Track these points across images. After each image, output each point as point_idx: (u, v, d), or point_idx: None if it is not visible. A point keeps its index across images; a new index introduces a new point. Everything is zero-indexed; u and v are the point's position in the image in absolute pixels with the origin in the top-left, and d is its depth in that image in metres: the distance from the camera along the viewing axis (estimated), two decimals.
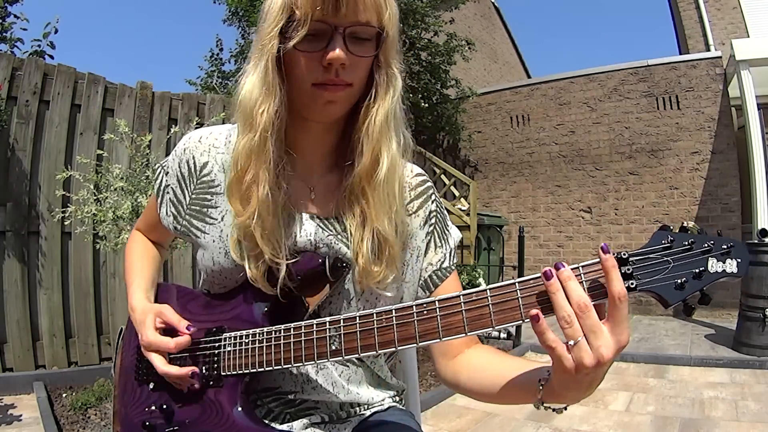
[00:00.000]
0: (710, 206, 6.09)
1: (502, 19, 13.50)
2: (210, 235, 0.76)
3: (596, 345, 0.51)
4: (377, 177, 0.70)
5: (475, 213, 5.57)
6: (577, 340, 0.52)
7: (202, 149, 0.79)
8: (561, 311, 0.52)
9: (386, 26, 0.67)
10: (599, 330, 0.52)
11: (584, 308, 0.52)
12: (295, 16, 0.63)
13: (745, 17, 7.78)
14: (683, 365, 3.88)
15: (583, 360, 0.51)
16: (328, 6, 0.62)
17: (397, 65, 0.72)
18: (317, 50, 0.64)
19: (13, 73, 2.98)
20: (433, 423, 2.73)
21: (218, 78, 7.23)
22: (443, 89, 6.87)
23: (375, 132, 0.70)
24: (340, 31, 0.63)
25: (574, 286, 0.53)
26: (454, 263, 0.84)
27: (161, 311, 0.75)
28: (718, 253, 0.53)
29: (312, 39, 0.64)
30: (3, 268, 2.94)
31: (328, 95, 0.67)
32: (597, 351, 0.51)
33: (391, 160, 0.71)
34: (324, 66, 0.64)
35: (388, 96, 0.71)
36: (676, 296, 0.53)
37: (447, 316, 0.58)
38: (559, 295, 0.53)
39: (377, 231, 0.71)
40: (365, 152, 0.70)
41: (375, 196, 0.71)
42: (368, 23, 0.65)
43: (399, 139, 0.73)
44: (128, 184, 2.26)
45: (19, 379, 2.86)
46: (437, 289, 0.81)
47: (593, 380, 0.54)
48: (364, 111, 0.71)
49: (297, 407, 0.77)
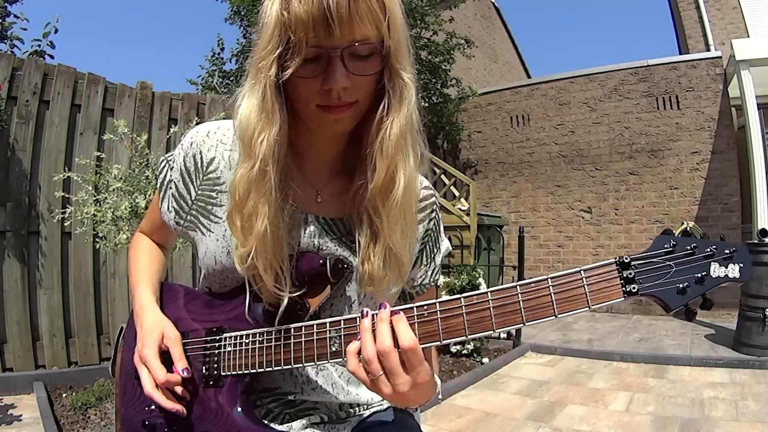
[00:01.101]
0: (710, 206, 6.09)
1: (502, 19, 13.49)
2: (214, 234, 0.75)
3: (394, 383, 0.58)
4: (394, 197, 0.67)
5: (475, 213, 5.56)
6: (377, 375, 0.58)
7: (209, 144, 0.77)
8: (363, 351, 0.59)
9: (388, 36, 0.63)
10: (397, 372, 0.58)
11: (384, 352, 0.58)
12: (290, 40, 0.60)
13: (745, 17, 7.78)
14: (683, 365, 3.88)
15: (383, 390, 0.59)
16: (319, 30, 0.58)
17: (409, 71, 0.67)
18: (316, 75, 0.61)
19: (13, 73, 2.98)
20: (433, 423, 2.73)
21: (219, 77, 7.23)
22: (443, 89, 6.87)
23: (390, 148, 0.66)
24: (337, 53, 0.60)
25: (383, 330, 0.58)
26: (435, 280, 0.86)
27: (170, 339, 0.74)
28: (720, 258, 0.53)
29: (310, 63, 0.61)
30: (3, 268, 2.94)
31: (334, 117, 0.65)
32: (396, 387, 0.58)
33: (408, 178, 0.68)
34: (325, 90, 0.62)
35: (403, 107, 0.67)
36: (678, 301, 0.53)
37: (447, 319, 0.58)
38: (365, 336, 0.59)
39: (389, 247, 0.70)
40: (379, 169, 0.67)
41: (389, 213, 0.68)
42: (366, 40, 0.61)
43: (417, 154, 0.69)
44: (127, 185, 2.26)
45: (19, 379, 2.86)
46: (412, 301, 0.84)
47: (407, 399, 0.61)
48: (377, 124, 0.67)
49: (296, 408, 0.77)
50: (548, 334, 4.97)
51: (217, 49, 7.29)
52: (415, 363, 0.57)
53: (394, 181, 0.67)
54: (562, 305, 0.55)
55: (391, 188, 0.68)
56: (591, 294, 0.54)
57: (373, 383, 0.59)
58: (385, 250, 0.70)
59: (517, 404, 3.06)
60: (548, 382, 3.57)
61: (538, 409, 2.95)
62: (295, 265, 0.70)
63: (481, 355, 3.99)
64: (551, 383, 3.53)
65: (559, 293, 0.55)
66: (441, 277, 0.89)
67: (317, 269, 0.69)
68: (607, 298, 0.54)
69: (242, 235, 0.66)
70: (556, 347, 4.45)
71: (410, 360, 0.57)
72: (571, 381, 3.60)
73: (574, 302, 0.54)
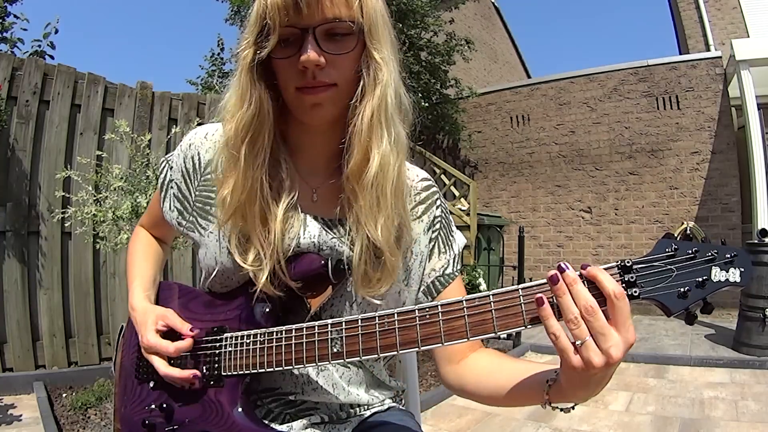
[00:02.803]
0: (710, 206, 6.09)
1: (502, 19, 13.50)
2: (214, 234, 0.75)
3: (605, 347, 0.51)
4: (366, 177, 0.67)
5: (475, 213, 5.57)
6: (585, 339, 0.52)
7: (207, 146, 0.78)
8: (568, 314, 0.53)
9: (360, 16, 0.64)
10: (608, 332, 0.52)
11: (591, 311, 0.52)
12: (267, 25, 0.63)
13: (745, 17, 7.77)
14: (683, 365, 3.88)
15: (592, 360, 0.52)
16: (290, 10, 0.62)
17: (386, 54, 0.67)
18: (291, 55, 0.64)
19: (13, 73, 2.98)
20: (433, 423, 2.73)
21: (219, 78, 7.23)
22: (443, 89, 6.87)
23: (364, 130, 0.67)
24: (310, 32, 0.63)
25: (581, 289, 0.53)
26: (458, 269, 0.82)
27: (165, 315, 0.75)
28: (721, 262, 0.53)
29: (285, 45, 0.64)
30: (3, 268, 2.94)
31: (311, 98, 0.66)
32: (606, 352, 0.51)
33: (381, 158, 0.67)
34: (300, 69, 0.64)
35: (377, 89, 0.67)
36: (679, 305, 0.53)
37: (449, 321, 0.58)
38: (566, 299, 0.53)
39: (367, 236, 0.68)
40: (355, 152, 0.67)
41: (364, 198, 0.67)
42: (338, 18, 0.63)
43: (391, 134, 0.68)
44: (128, 184, 2.26)
45: (19, 379, 2.86)
46: (440, 295, 0.79)
47: (602, 379, 0.55)
48: (352, 109, 0.68)
49: (297, 408, 0.77)
50: None
51: (217, 49, 7.31)
52: (624, 316, 0.52)
53: (366, 161, 0.67)
54: None
55: (363, 169, 0.67)
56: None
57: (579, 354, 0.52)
58: (363, 236, 0.68)
59: None
60: None
61: (538, 409, 2.95)
62: (296, 265, 0.70)
63: None
64: None
65: None
66: None
67: (318, 270, 0.70)
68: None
69: (222, 215, 0.70)
70: None
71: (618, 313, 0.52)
72: None
73: None
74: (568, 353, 0.53)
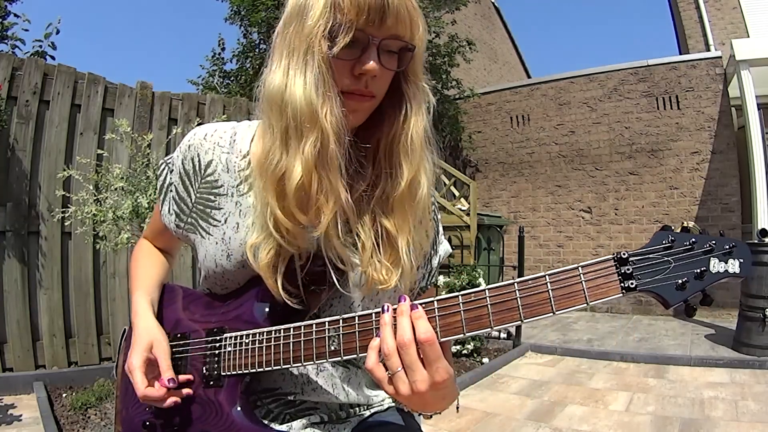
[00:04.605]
0: (710, 206, 6.09)
1: (502, 19, 13.50)
2: (213, 237, 0.75)
3: (412, 379, 0.56)
4: (418, 200, 0.70)
5: (475, 213, 5.56)
6: (395, 371, 0.56)
7: (206, 147, 0.76)
8: (382, 344, 0.57)
9: (417, 43, 0.67)
10: (416, 367, 0.56)
11: (404, 345, 0.56)
12: (338, 18, 0.61)
13: (745, 17, 7.77)
14: (683, 365, 3.88)
15: (401, 390, 0.57)
16: (374, 17, 0.61)
17: (426, 82, 0.71)
18: (351, 59, 0.63)
19: (13, 73, 2.98)
20: (432, 423, 2.73)
21: (220, 77, 7.23)
22: (444, 90, 6.86)
23: (417, 151, 0.69)
24: (376, 42, 0.63)
25: (404, 323, 0.57)
26: (431, 283, 0.86)
27: (158, 348, 0.73)
28: (720, 253, 0.53)
29: (348, 46, 0.62)
30: (3, 268, 2.94)
31: (354, 104, 0.66)
32: (413, 384, 0.56)
33: (427, 182, 0.70)
34: (354, 75, 0.64)
35: (423, 111, 0.70)
36: (677, 297, 0.53)
37: (445, 317, 0.58)
38: (385, 329, 0.58)
39: (403, 251, 0.70)
40: (406, 172, 0.68)
41: (401, 215, 0.70)
42: (402, 37, 0.65)
43: (433, 155, 0.72)
44: (128, 184, 2.26)
45: (19, 379, 2.86)
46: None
47: (425, 402, 0.59)
48: (400, 125, 0.69)
49: (296, 408, 0.77)
50: (548, 334, 4.97)
51: (218, 49, 7.30)
52: (432, 358, 0.56)
53: (419, 184, 0.70)
54: (560, 302, 0.54)
55: (416, 192, 0.70)
56: (589, 290, 0.54)
57: (390, 381, 0.57)
58: (397, 253, 0.70)
59: (517, 404, 3.06)
60: (548, 382, 3.57)
61: (538, 409, 2.95)
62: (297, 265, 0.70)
63: (481, 355, 3.99)
64: (551, 383, 3.53)
65: (557, 290, 0.55)
66: (441, 277, 0.89)
67: (319, 270, 0.69)
68: (605, 294, 0.53)
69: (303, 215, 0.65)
70: (556, 347, 4.45)
71: (427, 354, 0.56)
72: (571, 381, 3.60)
73: (572, 299, 0.54)
74: (381, 381, 0.58)
